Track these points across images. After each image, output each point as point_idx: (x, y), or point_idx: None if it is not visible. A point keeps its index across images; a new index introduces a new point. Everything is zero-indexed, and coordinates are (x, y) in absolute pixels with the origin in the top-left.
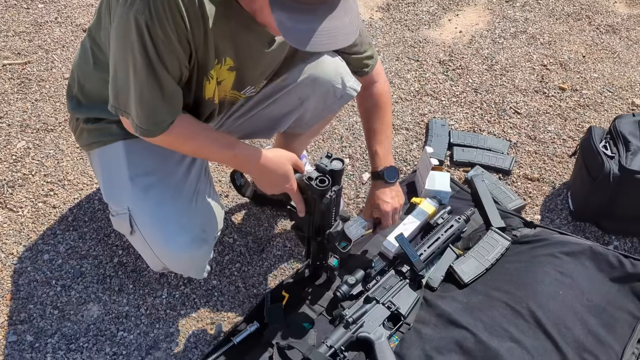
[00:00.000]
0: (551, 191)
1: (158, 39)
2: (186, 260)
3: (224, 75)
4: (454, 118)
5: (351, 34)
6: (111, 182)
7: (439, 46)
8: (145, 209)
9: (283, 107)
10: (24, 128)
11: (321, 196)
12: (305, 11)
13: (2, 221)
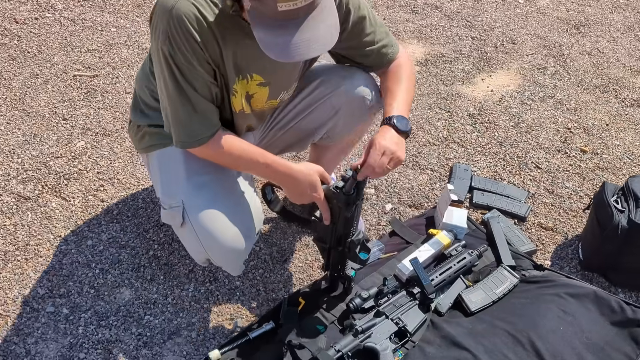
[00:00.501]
0: (563, 241)
1: (181, 65)
2: (229, 253)
3: (254, 89)
4: (477, 165)
5: (326, 43)
6: (168, 179)
7: (470, 101)
8: (198, 204)
9: (318, 117)
10: (84, 130)
11: (347, 203)
12: (278, 27)
13: (55, 207)
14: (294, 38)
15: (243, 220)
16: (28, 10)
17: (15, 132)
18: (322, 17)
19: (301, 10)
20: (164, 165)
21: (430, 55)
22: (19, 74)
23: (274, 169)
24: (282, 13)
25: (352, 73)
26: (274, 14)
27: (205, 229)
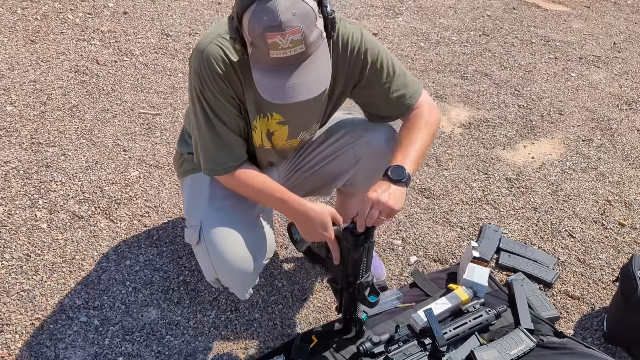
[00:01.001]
0: (589, 312)
1: (210, 100)
2: (236, 274)
3: (274, 127)
4: (508, 228)
5: (313, 89)
6: (194, 200)
7: (509, 166)
8: (213, 224)
9: (341, 165)
10: (140, 162)
11: (355, 245)
12: (272, 72)
13: (103, 228)
14: (285, 82)
15: (254, 245)
16: (110, 54)
17: (80, 158)
18: (314, 65)
19: (291, 58)
20: (193, 188)
21: (474, 119)
22: (92, 108)
23: (289, 204)
24: (274, 60)
25: (376, 126)
26: (267, 60)
27: (216, 247)
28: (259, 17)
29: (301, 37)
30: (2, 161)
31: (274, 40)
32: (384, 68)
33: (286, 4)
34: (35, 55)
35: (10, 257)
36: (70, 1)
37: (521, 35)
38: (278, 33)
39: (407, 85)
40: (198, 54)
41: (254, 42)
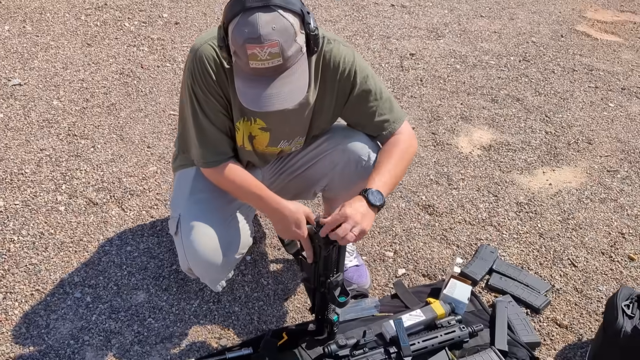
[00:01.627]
0: (575, 342)
1: (200, 97)
2: (205, 265)
3: (256, 131)
4: (507, 251)
5: (287, 100)
6: (177, 193)
7: (522, 190)
8: (190, 217)
9: (319, 170)
10: (160, 159)
11: (325, 243)
12: (252, 81)
13: (113, 215)
14: (262, 92)
15: (227, 239)
16: (154, 59)
17: (107, 151)
18: (290, 79)
19: (269, 70)
20: (179, 182)
21: (495, 142)
22: (128, 107)
23: (265, 201)
24: (253, 70)
25: (355, 134)
26: (247, 70)
27: (189, 239)
28: (241, 29)
29: (279, 50)
30: (39, 148)
31: (253, 51)
32: (371, 91)
33: (267, 18)
34: (89, 57)
35: (27, 233)
36: (130, 11)
37: (564, 63)
38: (257, 45)
39: (392, 111)
40: (192, 53)
41: (237, 52)
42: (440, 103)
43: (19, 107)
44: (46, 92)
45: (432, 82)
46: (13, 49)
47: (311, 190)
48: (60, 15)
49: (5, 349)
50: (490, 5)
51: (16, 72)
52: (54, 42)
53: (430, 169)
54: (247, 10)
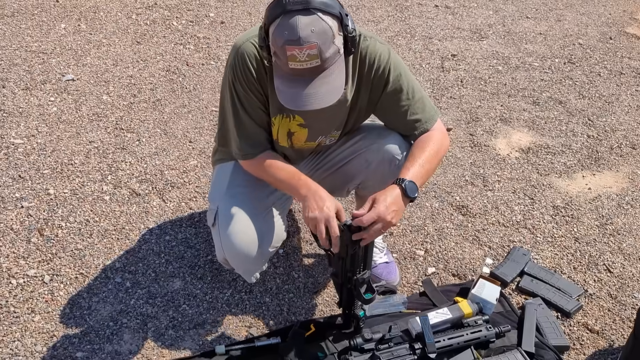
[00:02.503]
0: (605, 347)
1: (240, 93)
2: (240, 256)
3: (295, 128)
4: (541, 254)
5: (324, 100)
6: (216, 186)
7: (560, 194)
8: (227, 209)
9: (354, 168)
10: (201, 153)
11: (352, 241)
12: (291, 81)
13: (154, 206)
14: (300, 92)
15: (261, 232)
16: (200, 58)
17: (151, 144)
18: (327, 80)
19: (307, 71)
20: (217, 176)
21: (534, 145)
22: (172, 103)
23: (301, 185)
24: (292, 70)
25: (389, 133)
26: (287, 70)
27: (226, 230)
28: (281, 31)
29: (317, 52)
30: (88, 141)
31: (292, 52)
32: (403, 90)
33: (306, 21)
34: (138, 55)
35: (74, 220)
36: (179, 10)
37: (611, 66)
38: (296, 47)
39: (424, 110)
40: (234, 49)
41: (277, 52)
42: (480, 104)
43: (71, 101)
44: (97, 88)
45: (472, 83)
46: (68, 46)
47: (345, 188)
48: (112, 14)
49: (50, 327)
50: (537, 6)
51: (70, 68)
52: (106, 40)
53: (466, 170)
54: (287, 13)
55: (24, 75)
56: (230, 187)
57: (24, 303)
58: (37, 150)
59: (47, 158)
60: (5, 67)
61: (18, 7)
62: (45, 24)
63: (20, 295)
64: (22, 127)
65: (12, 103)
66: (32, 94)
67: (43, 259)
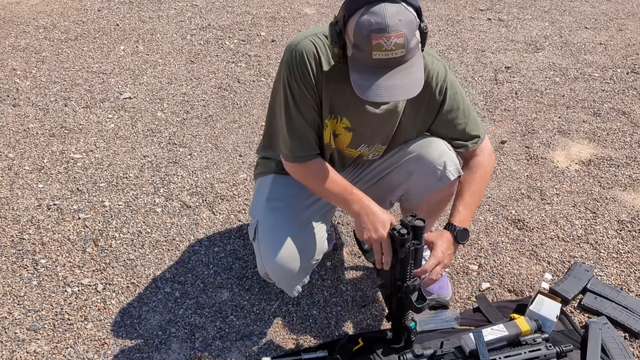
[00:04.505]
0: None
1: (294, 91)
2: (280, 270)
3: (340, 130)
4: (605, 271)
5: (407, 92)
6: (256, 200)
7: (625, 208)
8: (266, 223)
9: (395, 179)
10: (250, 167)
11: (401, 245)
12: (370, 72)
13: (204, 218)
14: (380, 82)
15: (302, 245)
16: (251, 75)
17: (202, 159)
18: (409, 71)
19: (391, 61)
20: (258, 189)
21: (596, 157)
22: (223, 119)
23: (353, 199)
24: (375, 61)
25: (430, 143)
26: (368, 61)
27: (266, 244)
28: (367, 20)
29: (404, 41)
30: (142, 155)
31: (378, 41)
32: (460, 109)
33: (393, 9)
34: (191, 73)
35: (127, 231)
36: (231, 30)
37: None
38: (383, 35)
39: (478, 128)
40: (290, 48)
41: (358, 44)
42: (536, 116)
43: (127, 117)
44: (152, 105)
45: (527, 95)
46: (126, 66)
47: (387, 200)
48: (168, 35)
49: (102, 335)
50: (597, 16)
51: (127, 87)
52: (162, 60)
53: (522, 183)
54: (372, 3)
55: (85, 94)
56: (270, 200)
57: (78, 311)
58: (95, 164)
59: (104, 172)
60: (68, 87)
61: (81, 32)
62: (106, 46)
63: (74, 303)
64: (82, 142)
65: (73, 120)
66: (92, 111)
67: (97, 269)
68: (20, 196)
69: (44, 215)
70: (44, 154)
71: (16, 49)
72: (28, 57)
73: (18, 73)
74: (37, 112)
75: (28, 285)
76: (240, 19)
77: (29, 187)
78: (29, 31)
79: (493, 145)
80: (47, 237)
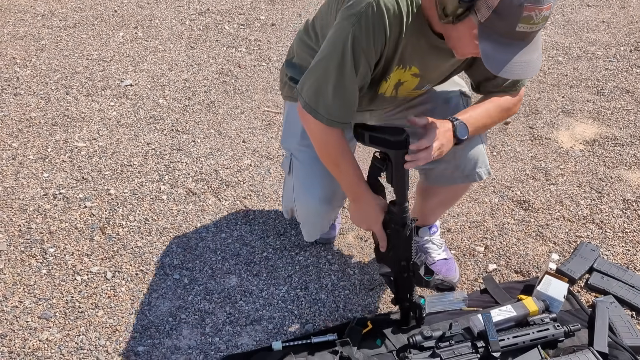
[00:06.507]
0: None
1: (359, 49)
2: (310, 210)
3: (407, 77)
4: (611, 250)
5: (537, 68)
6: (289, 129)
7: (630, 187)
8: (302, 158)
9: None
10: (254, 152)
11: (403, 224)
12: (505, 45)
13: (210, 204)
14: (514, 58)
15: (332, 187)
16: (252, 59)
17: (205, 145)
18: (537, 44)
19: (532, 34)
20: (290, 116)
21: (600, 137)
22: (225, 104)
23: (358, 185)
24: (517, 33)
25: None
26: (508, 33)
27: (300, 181)
28: None
29: (549, 13)
30: (146, 142)
31: (530, 13)
32: None
33: None
34: (192, 59)
35: (134, 219)
36: (230, 14)
37: None
38: (537, 7)
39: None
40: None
41: (501, 11)
42: (540, 96)
43: (129, 105)
44: (153, 92)
45: None
46: (126, 53)
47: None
48: (167, 21)
49: (113, 322)
50: None
51: (128, 74)
52: (162, 46)
53: (526, 164)
54: None
55: (86, 82)
56: (304, 137)
57: (88, 299)
58: (99, 152)
59: (108, 160)
60: (69, 75)
61: (79, 19)
62: (105, 33)
63: (84, 291)
64: (85, 131)
65: (75, 109)
66: (94, 99)
67: (105, 257)
68: (25, 185)
69: (51, 205)
70: (47, 143)
71: (15, 38)
72: (27, 45)
73: (18, 62)
74: (39, 101)
75: (38, 274)
76: (239, 3)
77: (34, 177)
78: (26, 19)
79: (497, 127)
80: (55, 226)
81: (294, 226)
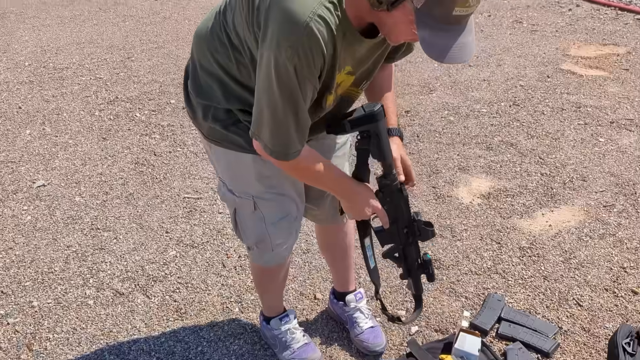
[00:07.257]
0: None
1: (303, 80)
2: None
3: (342, 77)
4: (514, 297)
5: (473, 51)
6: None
7: (524, 234)
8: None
9: None
10: (178, 242)
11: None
12: (443, 30)
13: (139, 303)
14: (453, 42)
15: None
16: (166, 146)
17: (128, 241)
18: (471, 27)
19: (466, 17)
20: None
21: (494, 189)
22: (145, 195)
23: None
24: (454, 18)
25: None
26: (444, 18)
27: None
28: None
29: None
30: (66, 245)
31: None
32: None
33: None
34: (105, 151)
35: (61, 330)
36: (140, 101)
37: (552, 103)
38: None
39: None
40: (298, 26)
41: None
42: (438, 156)
43: (44, 207)
44: (68, 190)
45: (428, 137)
46: (35, 152)
47: None
48: (75, 113)
49: None
50: (478, 53)
51: (39, 174)
52: (72, 140)
53: (434, 223)
54: None
55: None
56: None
57: None
58: (17, 262)
59: (27, 269)
60: None
61: None
62: (11, 132)
63: None
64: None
65: None
66: (5, 204)
67: None
68: None
69: None
70: None
71: None
72: None
73: None
74: None
75: None
76: (148, 88)
77: None
78: None
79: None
80: None
81: (226, 314)
